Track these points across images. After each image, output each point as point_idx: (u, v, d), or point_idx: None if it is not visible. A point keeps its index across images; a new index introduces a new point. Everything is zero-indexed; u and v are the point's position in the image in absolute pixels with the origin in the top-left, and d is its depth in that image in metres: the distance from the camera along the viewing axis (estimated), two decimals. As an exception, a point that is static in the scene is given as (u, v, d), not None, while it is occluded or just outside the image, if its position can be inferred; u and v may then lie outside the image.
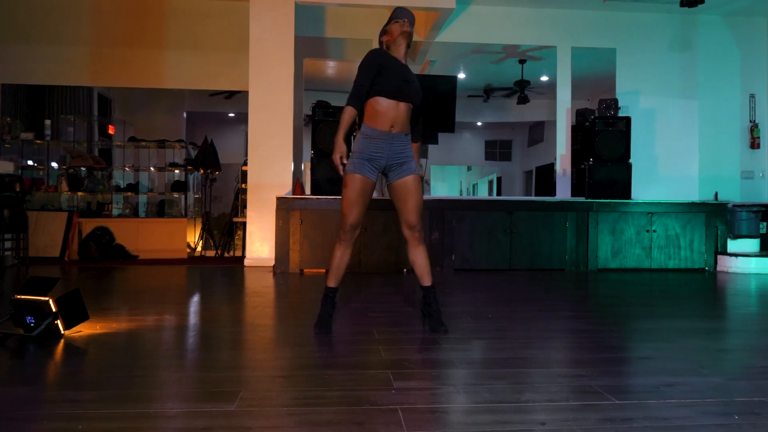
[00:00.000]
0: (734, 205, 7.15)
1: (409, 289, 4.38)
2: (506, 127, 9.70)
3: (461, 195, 10.00)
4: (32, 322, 2.53)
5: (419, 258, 2.77)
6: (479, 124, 9.89)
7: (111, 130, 8.33)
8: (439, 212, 5.84)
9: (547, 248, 5.92)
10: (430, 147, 8.94)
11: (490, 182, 10.20)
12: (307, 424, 1.54)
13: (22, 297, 2.56)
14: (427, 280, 2.77)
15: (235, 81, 7.42)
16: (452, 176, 10.58)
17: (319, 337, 2.62)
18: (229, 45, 7.26)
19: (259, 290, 4.42)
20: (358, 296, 4.01)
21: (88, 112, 8.12)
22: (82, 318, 2.67)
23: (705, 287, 4.92)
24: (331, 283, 2.75)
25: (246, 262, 6.21)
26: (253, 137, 6.26)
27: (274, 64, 6.30)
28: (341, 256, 2.72)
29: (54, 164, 7.43)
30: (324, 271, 5.70)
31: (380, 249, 5.70)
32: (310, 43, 7.40)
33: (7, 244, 5.88)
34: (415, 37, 7.50)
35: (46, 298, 2.51)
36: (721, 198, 7.50)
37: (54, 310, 2.52)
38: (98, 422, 1.54)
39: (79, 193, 7.34)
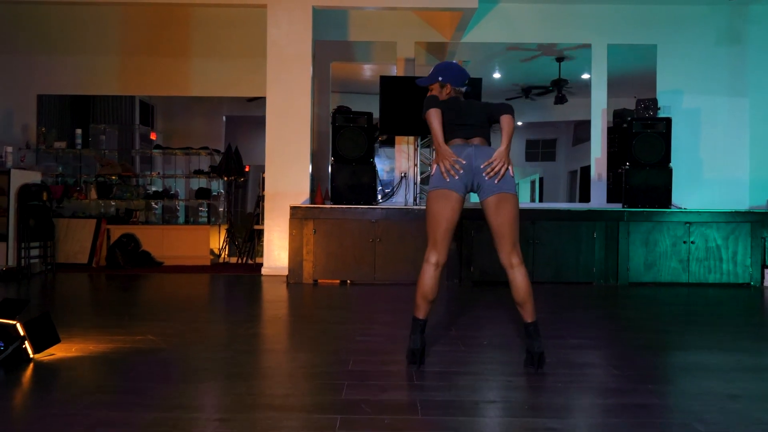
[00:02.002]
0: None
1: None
2: (549, 125, 9.34)
3: None
4: (1, 346, 2.50)
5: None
6: (519, 123, 9.55)
7: (153, 136, 8.53)
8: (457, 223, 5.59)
9: (573, 260, 5.57)
10: None
11: (533, 182, 9.87)
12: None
13: (-7, 320, 2.53)
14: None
15: (259, 87, 7.38)
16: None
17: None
18: (253, 51, 7.23)
19: (265, 304, 4.33)
20: (355, 315, 3.85)
21: (130, 119, 8.34)
22: (53, 341, 2.63)
23: (749, 306, 4.48)
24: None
25: (264, 270, 6.16)
26: (271, 144, 6.21)
27: (291, 69, 6.22)
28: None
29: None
30: (338, 282, 5.57)
31: (397, 260, 5.51)
32: (336, 47, 7.28)
33: (36, 252, 6.05)
34: (441, 38, 7.27)
35: (14, 322, 2.48)
36: (776, 204, 6.92)
37: (22, 333, 2.48)
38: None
39: (112, 202, 7.49)
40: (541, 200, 9.04)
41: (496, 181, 2.49)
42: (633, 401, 2.08)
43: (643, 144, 6.21)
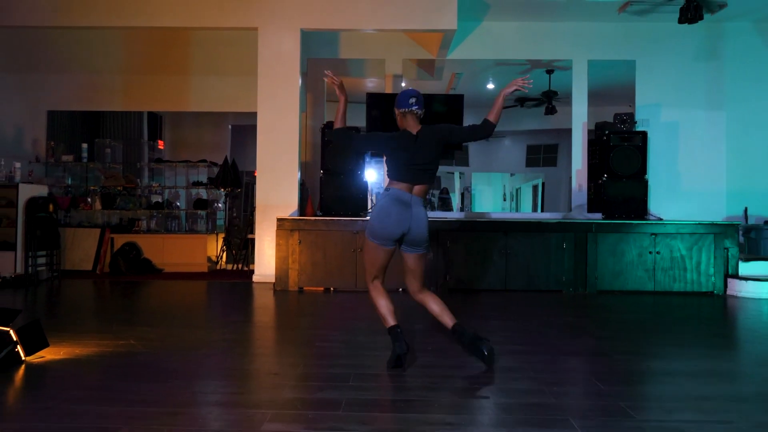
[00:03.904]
0: (766, 222, 6.80)
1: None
2: (551, 131, 9.55)
3: (504, 200, 9.88)
4: (-2, 350, 2.88)
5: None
6: (519, 130, 9.79)
7: (161, 145, 8.98)
8: (433, 233, 5.92)
9: (543, 269, 5.87)
10: (471, 155, 9.00)
11: (534, 188, 10.11)
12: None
13: (-10, 326, 2.91)
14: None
15: (253, 103, 7.79)
16: (496, 181, 10.56)
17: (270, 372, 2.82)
18: (249, 69, 7.62)
19: (246, 311, 4.69)
20: (325, 322, 4.18)
21: (138, 132, 8.81)
22: (42, 345, 3.01)
23: (701, 313, 4.76)
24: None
25: (254, 278, 6.53)
26: (262, 158, 6.58)
27: (280, 88, 6.59)
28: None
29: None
30: (322, 289, 5.92)
31: (375, 269, 5.85)
32: (330, 64, 7.67)
33: (43, 260, 6.48)
34: (428, 55, 7.61)
35: (7, 329, 2.86)
36: (751, 213, 7.14)
37: (14, 339, 2.87)
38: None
39: (116, 212, 7.92)
40: (542, 206, 9.31)
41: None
42: (532, 401, 2.40)
43: (620, 156, 6.50)
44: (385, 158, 3.12)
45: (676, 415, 2.25)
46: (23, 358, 2.90)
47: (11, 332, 2.85)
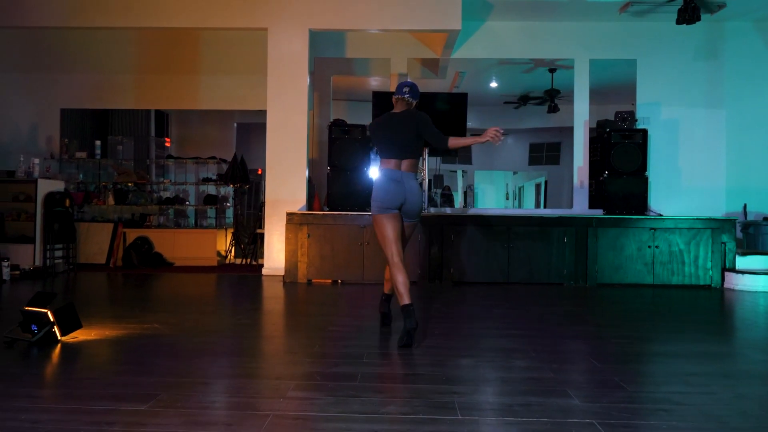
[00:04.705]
0: (765, 218, 6.97)
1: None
2: (553, 129, 9.67)
3: (507, 199, 10.04)
4: (35, 330, 3.08)
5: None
6: (521, 128, 9.92)
7: (167, 143, 9.19)
8: (437, 227, 6.12)
9: (545, 263, 6.06)
10: (474, 153, 9.18)
11: (537, 186, 10.26)
12: (191, 424, 1.94)
13: (29, 309, 3.12)
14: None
15: (264, 101, 7.99)
16: (499, 180, 10.72)
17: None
18: (257, 68, 7.83)
19: (259, 300, 4.89)
20: (334, 309, 4.37)
21: (145, 130, 9.01)
22: (76, 326, 3.21)
23: (698, 304, 4.94)
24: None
25: (264, 271, 6.74)
26: (271, 155, 6.78)
27: (289, 87, 6.79)
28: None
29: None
30: (330, 281, 6.12)
31: (383, 262, 6.05)
32: (336, 63, 7.89)
33: (59, 253, 6.70)
34: (432, 55, 7.79)
35: (45, 310, 3.06)
36: (750, 210, 7.31)
37: (52, 320, 3.07)
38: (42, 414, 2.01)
39: (130, 207, 8.14)
40: (545, 204, 9.48)
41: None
42: (531, 375, 2.59)
43: (621, 154, 6.67)
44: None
45: (664, 387, 2.44)
46: (59, 338, 3.10)
47: (49, 313, 3.05)
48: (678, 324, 4.03)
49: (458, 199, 9.31)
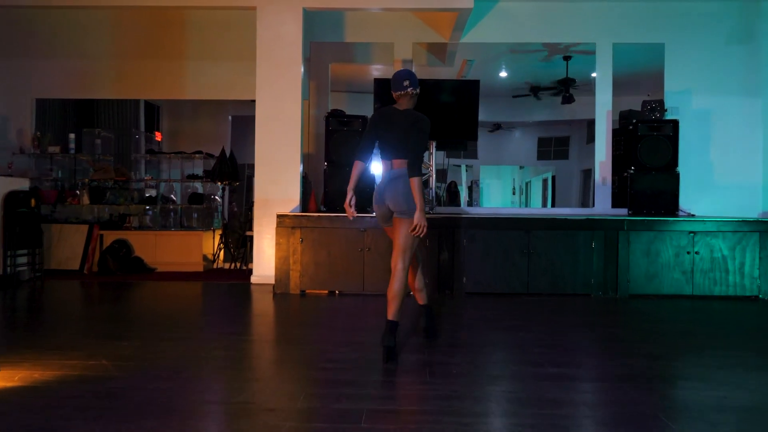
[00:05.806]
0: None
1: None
2: (563, 123, 9.10)
3: (514, 194, 9.40)
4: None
5: None
6: (530, 121, 9.32)
7: (158, 137, 8.48)
8: (448, 231, 5.40)
9: (570, 271, 5.34)
10: (480, 147, 8.47)
11: (545, 181, 9.67)
12: None
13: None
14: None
15: (252, 90, 7.26)
16: (505, 174, 10.13)
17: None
18: (248, 54, 7.08)
19: (241, 320, 4.18)
20: (329, 333, 3.67)
21: (134, 122, 8.28)
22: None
23: (754, 322, 4.23)
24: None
25: (253, 279, 6.03)
26: (260, 150, 6.06)
27: (281, 72, 6.07)
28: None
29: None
30: (326, 292, 5.42)
31: (386, 270, 5.33)
32: (334, 48, 7.13)
33: (24, 259, 5.98)
34: (440, 39, 7.05)
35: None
36: (790, 210, 6.60)
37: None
38: None
39: (106, 207, 7.42)
40: (553, 200, 8.75)
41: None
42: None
43: (649, 147, 5.95)
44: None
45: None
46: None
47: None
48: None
49: (463, 195, 8.64)
